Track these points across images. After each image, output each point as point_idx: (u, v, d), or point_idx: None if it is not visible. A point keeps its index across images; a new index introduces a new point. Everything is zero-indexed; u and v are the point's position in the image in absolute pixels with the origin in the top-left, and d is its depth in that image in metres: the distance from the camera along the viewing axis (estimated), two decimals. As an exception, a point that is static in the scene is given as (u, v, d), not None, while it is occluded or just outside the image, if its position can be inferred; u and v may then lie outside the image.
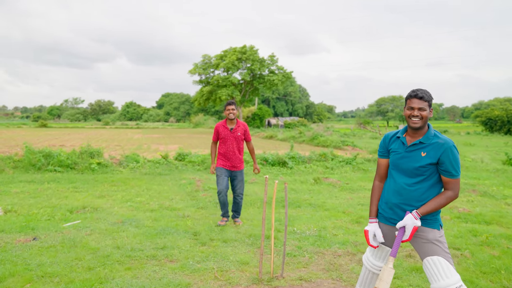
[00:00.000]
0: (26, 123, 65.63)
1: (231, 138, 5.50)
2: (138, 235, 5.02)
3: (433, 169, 2.59)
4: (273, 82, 40.58)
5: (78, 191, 7.88)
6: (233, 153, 5.51)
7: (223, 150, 5.56)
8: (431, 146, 2.57)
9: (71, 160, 10.12)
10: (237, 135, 5.53)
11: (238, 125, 5.59)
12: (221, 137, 5.56)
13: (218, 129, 5.62)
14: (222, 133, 5.54)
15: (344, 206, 7.03)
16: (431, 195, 2.61)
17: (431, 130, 2.64)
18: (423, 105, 2.56)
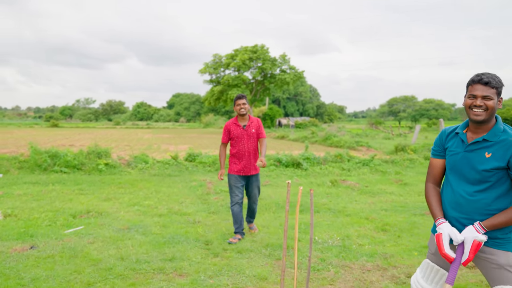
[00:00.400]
0: (38, 123, 66.07)
1: (244, 137, 4.76)
2: (145, 243, 4.60)
3: (501, 174, 2.07)
4: (284, 80, 40.06)
5: (84, 194, 7.50)
6: (247, 154, 4.78)
7: (235, 151, 4.81)
8: (499, 145, 2.06)
9: (78, 161, 9.77)
10: (251, 132, 4.79)
11: (251, 121, 4.83)
12: (233, 136, 4.80)
13: (229, 128, 4.82)
14: (234, 132, 4.78)
15: (367, 211, 6.52)
16: (501, 207, 2.10)
17: (500, 124, 2.11)
18: (489, 92, 2.05)
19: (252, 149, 4.82)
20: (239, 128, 4.80)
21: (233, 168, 4.82)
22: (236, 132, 4.78)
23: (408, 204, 7.13)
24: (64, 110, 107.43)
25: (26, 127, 45.89)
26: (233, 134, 4.78)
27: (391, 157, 13.70)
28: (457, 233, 2.10)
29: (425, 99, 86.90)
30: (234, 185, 4.81)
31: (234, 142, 4.81)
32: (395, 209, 6.71)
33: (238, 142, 4.79)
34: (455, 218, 2.19)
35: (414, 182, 9.48)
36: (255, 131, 4.83)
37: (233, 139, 4.80)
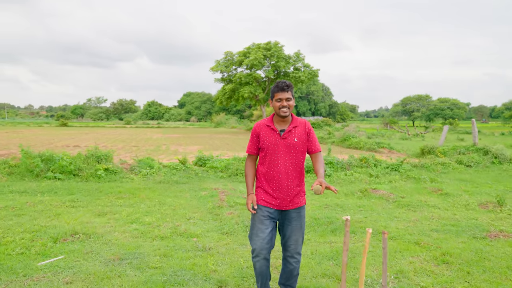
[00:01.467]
0: (49, 122, 65.83)
1: (280, 149, 2.99)
2: (138, 285, 3.48)
3: None
4: (299, 79, 38.79)
5: (75, 206, 6.43)
6: (284, 175, 2.97)
7: (265, 169, 3.02)
8: None
9: (74, 166, 8.72)
10: (292, 142, 2.98)
11: (294, 125, 3.02)
12: (264, 146, 3.02)
13: (258, 131, 3.07)
14: (265, 139, 3.02)
15: (415, 233, 5.33)
16: None
17: None
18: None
19: (293, 169, 2.98)
20: (273, 134, 3.01)
21: (260, 196, 3.04)
22: (268, 140, 3.01)
23: (460, 222, 5.91)
24: (75, 109, 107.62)
25: (35, 126, 45.39)
26: (264, 142, 3.03)
27: (420, 160, 12.43)
28: None
29: (439, 98, 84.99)
30: (259, 221, 2.99)
31: (264, 155, 3.05)
32: (447, 230, 5.49)
33: (270, 155, 3.00)
34: None
35: (455, 192, 8.24)
36: (299, 141, 2.99)
37: (264, 150, 3.04)
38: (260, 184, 3.08)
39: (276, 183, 2.98)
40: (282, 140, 2.99)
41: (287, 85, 2.95)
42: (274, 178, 2.99)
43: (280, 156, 2.98)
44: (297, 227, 3.03)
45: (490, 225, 5.73)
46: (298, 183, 3.03)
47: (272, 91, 3.02)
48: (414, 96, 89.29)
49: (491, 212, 6.57)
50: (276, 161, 2.99)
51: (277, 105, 2.97)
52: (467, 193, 8.28)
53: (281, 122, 3.04)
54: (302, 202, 3.07)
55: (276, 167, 2.98)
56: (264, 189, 3.04)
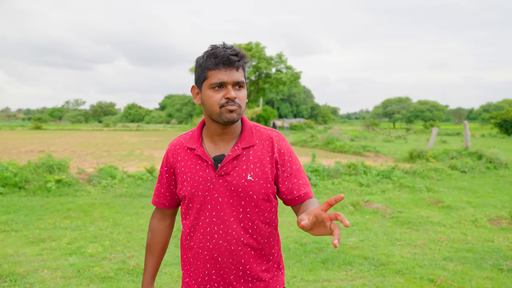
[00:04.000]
0: (24, 124, 63.32)
1: (218, 199, 1.40)
2: None
3: None
4: (280, 80, 37.91)
5: (7, 230, 5.20)
6: (229, 253, 1.40)
7: (190, 241, 1.47)
8: None
9: (20, 177, 7.43)
10: (241, 184, 1.39)
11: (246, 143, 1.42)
12: (186, 192, 1.43)
13: (173, 163, 1.49)
14: (188, 179, 1.43)
15: (424, 263, 4.30)
16: None
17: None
18: None
19: (247, 239, 1.42)
20: (201, 167, 1.43)
21: (187, 278, 1.51)
22: (192, 180, 1.42)
23: (475, 247, 4.92)
24: (53, 112, 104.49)
25: (7, 129, 43.27)
26: (184, 184, 1.44)
27: (412, 166, 11.54)
28: None
29: (419, 101, 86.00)
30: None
31: (186, 211, 1.48)
32: (463, 258, 4.49)
33: (197, 212, 1.43)
34: None
35: (457, 204, 7.30)
36: (256, 180, 1.39)
37: (185, 200, 1.46)
38: (185, 273, 1.53)
39: (212, 273, 1.43)
40: (218, 178, 1.40)
41: (237, 53, 1.35)
42: (206, 263, 1.43)
43: (217, 215, 1.41)
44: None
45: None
46: (262, 271, 1.46)
47: (203, 65, 1.35)
48: (394, 98, 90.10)
49: (506, 231, 5.62)
50: (208, 225, 1.42)
51: (214, 97, 1.34)
52: (470, 205, 7.36)
53: (218, 138, 1.44)
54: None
55: (208, 238, 1.42)
56: (191, 278, 1.49)
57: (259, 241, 1.43)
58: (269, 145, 1.44)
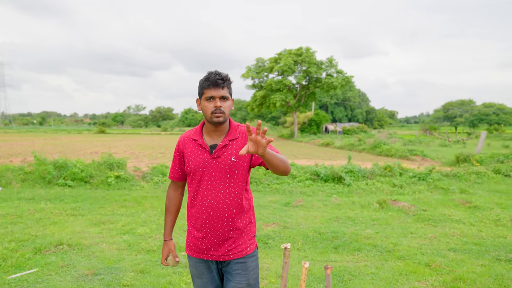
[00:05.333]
0: (90, 129, 68.26)
1: (212, 173, 2.10)
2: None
3: None
4: (331, 84, 37.96)
5: (75, 215, 6.30)
6: (217, 212, 2.09)
7: (194, 208, 2.15)
8: None
9: (86, 173, 8.68)
10: (228, 164, 2.09)
11: (231, 137, 2.13)
12: (190, 169, 2.13)
13: (182, 148, 2.20)
14: (192, 160, 2.13)
15: (427, 252, 4.75)
16: None
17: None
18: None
19: (230, 202, 2.09)
20: (201, 152, 2.12)
21: (189, 241, 2.19)
22: (194, 160, 2.12)
23: (485, 241, 5.25)
24: (116, 117, 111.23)
25: (75, 133, 47.07)
26: (189, 163, 2.14)
27: (452, 169, 11.57)
28: None
29: (484, 103, 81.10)
30: (196, 277, 2.21)
31: (191, 182, 2.16)
32: (468, 250, 4.88)
33: (197, 183, 2.12)
34: None
35: (487, 205, 7.47)
36: (238, 160, 2.09)
37: (190, 174, 2.15)
38: (189, 223, 2.19)
39: (206, 223, 2.08)
40: (213, 160, 2.07)
41: (223, 78, 2.03)
42: (203, 215, 2.08)
43: (211, 184, 2.07)
44: (241, 286, 2.09)
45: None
46: (239, 222, 2.11)
47: (201, 86, 2.07)
48: (456, 101, 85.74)
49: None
50: (205, 191, 2.08)
51: (207, 106, 2.02)
52: (500, 206, 7.50)
53: (213, 133, 2.12)
54: (248, 248, 2.13)
55: (205, 200, 2.07)
56: (192, 232, 2.15)
57: (238, 202, 2.09)
58: (245, 137, 2.12)
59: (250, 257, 2.13)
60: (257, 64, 40.45)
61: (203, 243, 2.10)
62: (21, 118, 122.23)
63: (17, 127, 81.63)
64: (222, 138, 2.12)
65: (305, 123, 49.98)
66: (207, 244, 2.09)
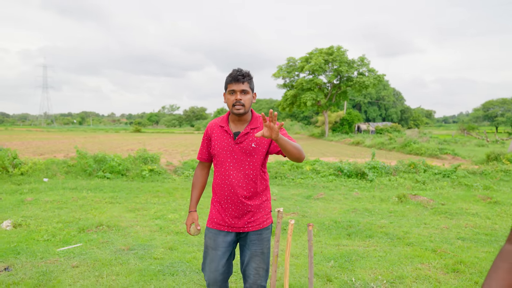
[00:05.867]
0: (127, 128, 70.68)
1: (235, 156, 2.41)
2: (134, 272, 3.73)
3: None
4: (363, 84, 37.73)
5: (113, 202, 6.94)
6: (238, 189, 2.39)
7: (219, 186, 2.45)
8: None
9: (123, 166, 9.38)
10: (249, 149, 2.38)
11: (253, 125, 2.42)
12: (216, 151, 2.45)
13: (210, 133, 2.52)
14: (217, 143, 2.45)
15: (436, 240, 5.02)
16: None
17: None
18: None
19: (248, 182, 2.40)
20: (226, 138, 2.43)
21: (212, 215, 2.50)
22: (220, 144, 2.44)
23: (496, 232, 5.45)
24: (151, 117, 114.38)
25: (113, 132, 49.02)
26: (215, 146, 2.46)
27: (480, 167, 11.53)
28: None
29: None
30: (211, 248, 2.45)
31: (216, 163, 2.49)
32: (476, 239, 5.11)
33: (221, 164, 2.44)
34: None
35: (508, 201, 7.56)
36: (257, 147, 2.38)
37: (215, 156, 2.47)
38: (213, 199, 2.50)
39: (228, 199, 2.40)
40: (236, 145, 2.37)
41: (243, 74, 2.33)
42: (226, 192, 2.40)
43: (233, 165, 2.39)
44: (256, 254, 2.42)
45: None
46: (259, 197, 2.43)
47: (226, 81, 2.40)
48: (497, 99, 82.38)
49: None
50: (227, 171, 2.39)
51: (230, 99, 2.34)
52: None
53: (237, 122, 2.42)
54: (265, 222, 2.44)
55: (227, 178, 2.39)
56: (215, 207, 2.47)
57: (255, 182, 2.39)
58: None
59: (265, 230, 2.44)
60: (288, 63, 40.75)
61: (225, 216, 2.41)
62: (62, 117, 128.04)
63: (58, 126, 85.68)
64: (244, 126, 2.41)
65: (336, 123, 49.76)
66: (229, 217, 2.40)
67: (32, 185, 8.27)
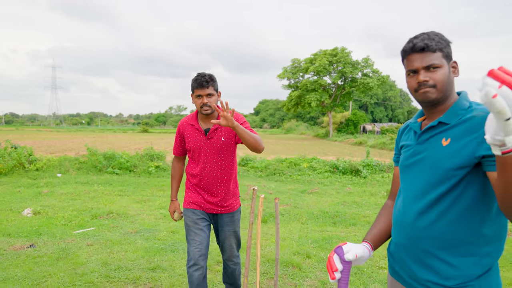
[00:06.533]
0: (134, 128, 71.63)
1: (207, 150, 2.69)
2: (140, 249, 4.32)
3: (466, 172, 1.31)
4: (367, 85, 38.17)
5: (122, 195, 7.56)
6: (212, 179, 2.71)
7: (194, 176, 2.77)
8: (462, 127, 1.34)
9: (130, 163, 10.02)
10: (219, 142, 2.69)
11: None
12: (190, 147, 2.75)
13: (182, 131, 2.81)
14: (191, 140, 2.74)
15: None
16: (466, 227, 1.34)
17: (464, 99, 1.42)
18: (432, 59, 1.38)
19: (221, 171, 2.72)
20: (198, 134, 2.72)
21: (189, 199, 2.79)
22: (193, 141, 2.73)
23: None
24: (158, 117, 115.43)
25: (121, 132, 49.90)
26: (189, 143, 2.75)
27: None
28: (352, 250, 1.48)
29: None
30: (192, 226, 2.73)
31: (191, 157, 2.81)
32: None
33: (197, 157, 2.75)
34: (403, 246, 1.49)
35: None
36: (226, 140, 2.69)
37: (190, 151, 2.78)
38: (189, 185, 2.83)
39: (204, 186, 2.73)
40: (207, 140, 2.67)
41: (207, 80, 2.57)
42: (202, 181, 2.72)
43: (207, 158, 2.69)
44: (230, 233, 2.80)
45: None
46: (229, 185, 2.77)
47: (192, 86, 2.64)
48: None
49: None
50: (202, 163, 2.70)
51: (197, 102, 2.62)
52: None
53: (206, 119, 2.71)
54: (235, 206, 2.82)
55: (203, 169, 2.70)
56: (191, 190, 2.80)
57: (228, 172, 2.73)
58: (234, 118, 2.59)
59: (236, 212, 2.83)
60: (293, 64, 41.30)
61: (201, 199, 2.74)
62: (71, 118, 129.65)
63: (67, 126, 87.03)
64: (213, 125, 2.69)
65: (342, 123, 50.18)
66: (204, 201, 2.73)
67: (47, 179, 8.92)
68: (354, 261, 1.50)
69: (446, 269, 1.37)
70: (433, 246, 1.39)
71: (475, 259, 1.35)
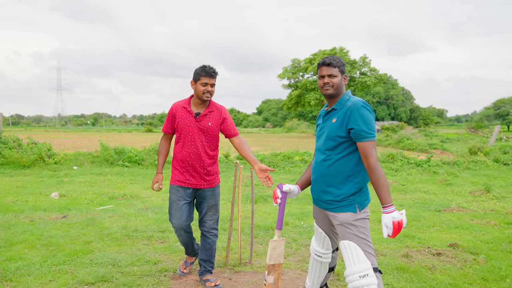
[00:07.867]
0: (138, 129, 72.79)
1: (194, 132, 3.09)
2: (151, 219, 5.36)
3: (346, 139, 2.36)
4: (365, 84, 39.10)
5: (132, 183, 8.61)
6: (198, 157, 3.10)
7: (180, 154, 3.14)
8: (342, 111, 2.38)
9: (139, 157, 11.07)
10: (206, 126, 3.10)
11: (210, 109, 3.14)
12: (179, 127, 3.12)
13: (175, 112, 3.16)
14: (181, 121, 3.11)
15: (378, 206, 6.57)
16: (345, 168, 2.39)
17: (347, 95, 2.47)
18: (333, 71, 2.44)
19: (206, 151, 3.14)
20: (189, 116, 3.10)
21: (175, 176, 3.18)
22: (183, 121, 3.10)
23: (432, 202, 6.97)
24: (162, 118, 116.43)
25: (125, 132, 51.08)
26: (179, 123, 3.11)
27: (454, 158, 12.96)
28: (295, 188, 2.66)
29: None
30: (176, 200, 3.15)
31: (179, 136, 3.15)
32: (413, 205, 6.64)
33: (184, 137, 3.11)
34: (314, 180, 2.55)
35: (462, 183, 9.03)
36: (213, 125, 3.12)
37: (179, 131, 3.13)
38: (176, 164, 3.18)
39: (190, 163, 3.09)
40: (196, 122, 3.07)
41: (215, 71, 3.04)
42: (188, 159, 3.09)
43: (194, 138, 3.07)
44: (212, 205, 3.20)
45: (457, 204, 6.74)
46: (212, 164, 3.18)
47: (198, 73, 3.02)
48: (509, 98, 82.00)
49: (475, 197, 7.44)
50: (190, 143, 3.08)
51: (201, 89, 3.00)
52: (473, 184, 9.00)
53: (198, 105, 3.12)
54: (216, 181, 3.24)
55: (189, 148, 3.08)
56: (178, 170, 3.15)
57: (209, 154, 3.15)
58: (219, 111, 3.15)
59: (217, 187, 3.27)
60: (293, 64, 42.27)
61: (186, 177, 3.12)
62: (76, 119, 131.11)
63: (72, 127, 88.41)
64: (204, 109, 3.14)
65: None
66: (190, 176, 3.12)
67: (65, 171, 10.00)
68: (289, 193, 2.59)
69: (336, 191, 2.40)
70: (329, 179, 2.43)
71: (351, 184, 2.39)
